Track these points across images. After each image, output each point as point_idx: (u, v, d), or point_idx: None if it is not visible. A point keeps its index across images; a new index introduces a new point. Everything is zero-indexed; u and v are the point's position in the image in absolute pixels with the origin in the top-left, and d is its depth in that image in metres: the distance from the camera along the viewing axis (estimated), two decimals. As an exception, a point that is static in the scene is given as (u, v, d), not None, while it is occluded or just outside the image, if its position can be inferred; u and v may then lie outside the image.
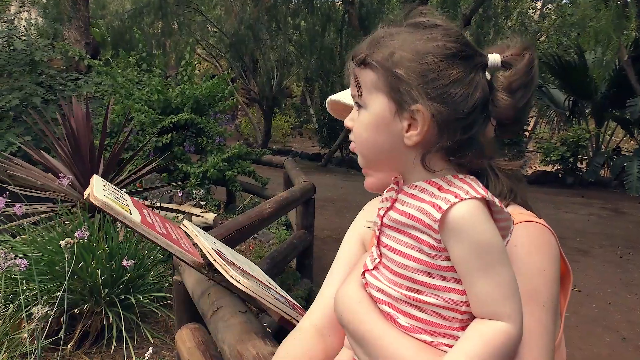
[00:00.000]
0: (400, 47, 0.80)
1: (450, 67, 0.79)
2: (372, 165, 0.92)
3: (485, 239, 0.76)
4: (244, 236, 3.17)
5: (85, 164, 3.78)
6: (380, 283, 0.88)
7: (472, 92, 0.79)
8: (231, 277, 1.58)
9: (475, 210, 0.76)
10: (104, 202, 1.59)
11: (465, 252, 0.76)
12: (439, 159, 0.83)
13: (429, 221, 0.78)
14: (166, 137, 6.67)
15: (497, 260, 0.77)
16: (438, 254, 0.79)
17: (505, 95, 0.81)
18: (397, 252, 0.84)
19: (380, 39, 0.83)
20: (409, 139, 0.81)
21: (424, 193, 0.82)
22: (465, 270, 0.77)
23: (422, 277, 0.81)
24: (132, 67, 8.11)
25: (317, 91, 23.43)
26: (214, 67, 22.32)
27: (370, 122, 0.85)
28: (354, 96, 0.89)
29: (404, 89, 0.79)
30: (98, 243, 2.95)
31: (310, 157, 19.96)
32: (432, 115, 0.78)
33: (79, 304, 2.85)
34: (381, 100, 0.83)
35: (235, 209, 7.00)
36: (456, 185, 0.80)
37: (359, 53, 0.85)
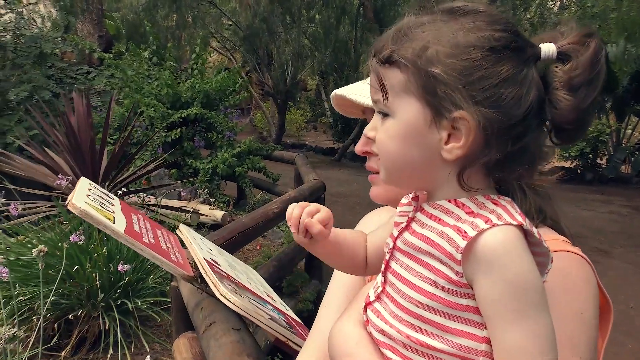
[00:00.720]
0: (436, 40, 0.65)
1: (499, 62, 0.64)
2: (396, 181, 0.75)
3: (524, 277, 0.62)
4: (248, 238, 3.02)
5: (85, 160, 3.67)
6: (382, 322, 0.73)
7: (526, 92, 0.64)
8: (221, 294, 1.44)
9: (512, 239, 0.62)
10: (82, 210, 1.45)
11: (496, 291, 0.62)
12: (479, 174, 0.69)
13: (450, 249, 0.64)
14: (175, 132, 6.57)
15: (536, 305, 0.62)
16: (457, 290, 0.65)
17: (566, 93, 0.65)
18: (406, 283, 0.70)
19: (409, 30, 0.68)
20: (449, 153, 0.66)
21: (448, 215, 0.68)
22: (494, 313, 0.63)
23: (434, 316, 0.67)
24: (143, 61, 8.01)
25: (332, 85, 23.18)
26: (229, 61, 22.21)
27: (399, 132, 0.69)
28: (377, 101, 0.72)
29: (443, 92, 0.64)
30: (95, 245, 2.82)
31: (324, 152, 19.81)
32: (479, 123, 0.63)
33: (75, 309, 2.74)
34: (413, 105, 0.67)
35: (245, 205, 6.89)
36: (487, 208, 0.66)
37: (383, 48, 0.69)
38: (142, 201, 4.19)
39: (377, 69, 0.70)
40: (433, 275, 0.66)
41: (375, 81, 0.71)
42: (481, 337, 0.65)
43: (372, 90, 0.73)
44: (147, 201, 4.35)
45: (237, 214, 6.06)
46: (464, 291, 0.65)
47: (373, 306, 0.76)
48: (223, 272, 1.66)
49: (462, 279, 0.64)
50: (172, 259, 1.64)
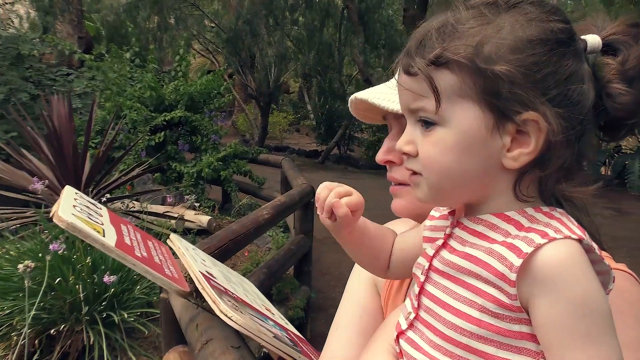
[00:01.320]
0: (493, 34, 0.58)
1: (564, 56, 0.58)
2: (443, 198, 0.66)
3: (590, 297, 0.55)
4: (239, 246, 2.93)
5: (67, 165, 3.52)
6: (420, 354, 0.64)
7: (588, 87, 0.60)
8: (222, 312, 1.33)
9: (574, 254, 0.55)
10: (70, 222, 1.34)
11: (558, 313, 0.54)
12: (534, 182, 0.62)
13: (502, 268, 0.57)
14: (159, 136, 6.44)
15: (604, 328, 0.55)
16: (509, 315, 0.58)
17: (624, 86, 0.61)
18: (447, 308, 0.62)
19: (456, 24, 0.60)
20: (515, 160, 0.59)
21: (495, 231, 0.61)
22: (556, 339, 0.55)
23: (482, 346, 0.59)
24: (125, 63, 7.85)
25: (315, 87, 23.16)
26: (211, 63, 22.04)
27: (456, 142, 0.60)
28: (420, 109, 0.62)
29: (509, 92, 0.57)
30: (78, 255, 2.69)
31: (308, 154, 19.75)
32: (551, 125, 0.57)
33: (57, 323, 2.60)
34: (471, 111, 0.59)
35: (231, 209, 6.77)
36: (540, 222, 0.59)
37: (428, 47, 0.60)
38: (126, 207, 4.06)
39: (425, 72, 0.60)
40: (480, 299, 0.59)
41: (418, 85, 0.61)
42: None
43: (410, 97, 0.63)
44: (131, 207, 4.21)
45: (222, 219, 5.94)
46: (517, 316, 0.57)
47: (407, 335, 0.68)
48: (221, 287, 1.55)
49: (515, 302, 0.56)
50: (167, 273, 1.53)
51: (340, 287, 5.04)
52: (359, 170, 16.93)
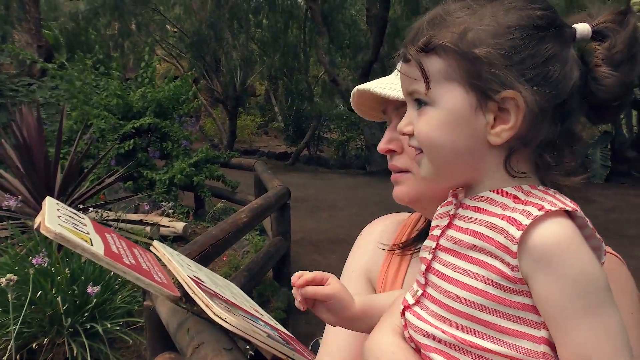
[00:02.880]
0: (477, 22, 0.64)
1: (543, 40, 0.63)
2: (441, 173, 0.70)
3: (589, 272, 0.58)
4: (219, 250, 2.94)
5: (39, 177, 3.45)
6: (425, 324, 0.68)
7: (570, 69, 0.64)
8: (216, 314, 1.35)
9: (570, 231, 0.59)
10: (58, 233, 1.33)
11: (560, 289, 0.58)
12: (526, 159, 0.66)
13: (503, 240, 0.60)
14: (128, 143, 6.34)
15: (604, 300, 0.59)
16: (511, 287, 0.61)
17: (609, 69, 0.65)
18: (453, 282, 0.65)
19: (445, 15, 0.66)
20: (498, 136, 0.64)
21: (493, 205, 0.65)
22: (559, 313, 0.58)
23: (487, 316, 0.62)
24: (89, 71, 7.71)
25: (282, 89, 23.13)
26: (175, 68, 21.75)
27: (444, 120, 0.66)
28: (414, 92, 0.69)
29: (489, 73, 0.62)
30: (57, 267, 2.65)
31: (278, 156, 19.70)
32: (528, 102, 0.62)
33: (38, 337, 2.56)
34: (456, 91, 0.65)
35: (205, 215, 6.72)
36: (536, 195, 0.63)
37: (419, 35, 0.67)
38: (100, 217, 4.00)
39: (416, 57, 0.67)
40: (485, 272, 0.62)
41: (412, 71, 0.68)
42: (539, 338, 0.61)
43: (407, 82, 0.70)
44: (105, 216, 4.16)
45: (197, 225, 5.90)
46: (518, 287, 0.61)
47: (413, 309, 0.72)
48: (210, 290, 1.57)
49: (517, 274, 0.60)
50: (156, 279, 1.54)
51: (320, 286, 5.04)
52: (329, 170, 16.99)
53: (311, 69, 20.76)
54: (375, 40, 13.14)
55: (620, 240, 6.96)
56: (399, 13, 16.65)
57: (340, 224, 7.92)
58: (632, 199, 10.24)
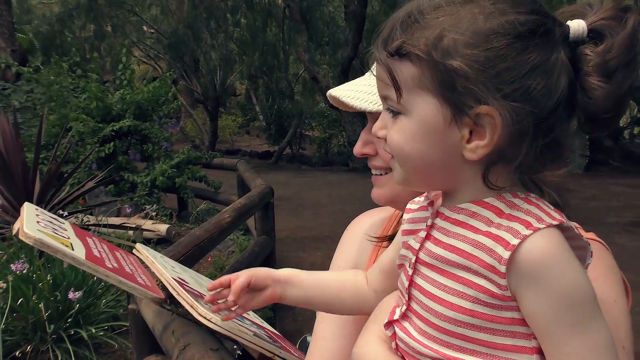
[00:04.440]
0: (452, 27, 0.57)
1: (526, 50, 0.56)
2: (413, 183, 0.68)
3: (577, 286, 0.57)
4: (204, 251, 2.91)
5: (17, 184, 3.40)
6: (414, 341, 0.67)
7: (556, 80, 0.57)
8: (201, 315, 1.34)
9: (557, 246, 0.57)
10: (37, 239, 1.31)
11: (547, 304, 0.57)
12: (505, 172, 0.62)
13: (490, 260, 0.58)
14: (108, 146, 6.27)
15: (592, 314, 0.58)
16: (500, 304, 0.59)
17: (600, 80, 0.58)
18: (438, 301, 0.63)
19: (420, 15, 0.60)
20: (473, 152, 0.60)
21: (476, 219, 0.62)
22: (549, 327, 0.58)
23: (477, 334, 0.61)
24: (65, 74, 7.59)
25: (262, 88, 23.03)
26: (154, 69, 21.55)
27: (416, 131, 0.62)
28: (387, 97, 0.65)
29: (463, 87, 0.57)
30: (39, 273, 2.61)
31: (260, 156, 19.64)
32: (505, 119, 0.56)
33: (21, 345, 2.52)
34: (430, 103, 0.60)
35: (188, 216, 6.68)
36: (520, 208, 0.60)
37: (391, 38, 0.61)
38: (81, 222, 3.95)
39: (386, 62, 0.62)
40: (472, 291, 0.60)
41: (384, 75, 0.63)
42: (530, 348, 0.61)
43: (380, 85, 0.65)
44: (86, 221, 4.11)
45: (181, 226, 5.86)
46: (507, 304, 0.59)
47: (401, 324, 0.70)
48: (195, 291, 1.56)
49: (506, 292, 0.58)
50: (140, 282, 1.52)
51: (306, 284, 5.02)
52: (312, 168, 16.99)
53: (291, 67, 20.72)
54: (354, 37, 13.16)
55: (600, 228, 7.10)
56: (377, 9, 16.68)
57: (324, 221, 7.93)
58: (611, 187, 10.42)
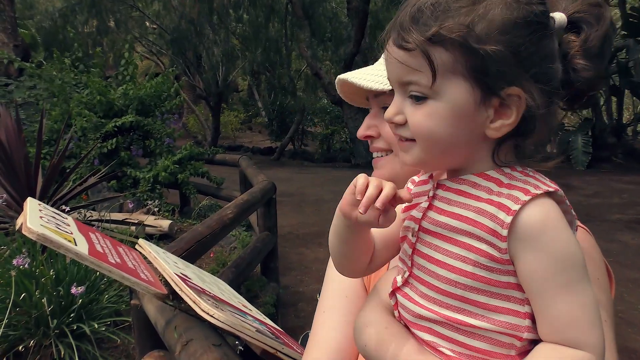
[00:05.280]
0: (483, 14, 0.62)
1: (544, 37, 0.64)
2: (433, 162, 0.71)
3: (570, 250, 0.63)
4: (206, 247, 2.91)
5: (19, 179, 3.40)
6: (415, 305, 0.71)
7: (557, 64, 0.66)
8: (203, 311, 1.35)
9: (554, 211, 0.63)
10: (40, 234, 1.31)
11: (544, 265, 0.62)
12: (509, 150, 0.69)
13: (492, 225, 0.63)
14: (111, 142, 6.26)
15: (582, 276, 0.63)
16: (499, 267, 0.64)
17: (586, 61, 0.67)
18: (441, 265, 0.68)
19: (448, 3, 0.63)
20: (497, 131, 0.66)
21: (477, 189, 0.67)
22: (541, 287, 0.63)
23: (476, 296, 0.66)
24: (68, 69, 7.58)
25: (264, 84, 23.04)
26: (156, 65, 21.55)
27: (448, 115, 0.65)
28: (411, 83, 0.67)
29: (496, 70, 0.62)
30: (41, 268, 2.62)
31: (262, 152, 19.66)
32: (532, 99, 0.63)
33: (24, 339, 2.53)
34: (462, 86, 0.64)
35: (190, 212, 6.67)
36: (519, 179, 0.65)
37: (424, 25, 0.63)
38: (84, 217, 3.96)
39: (423, 48, 0.64)
40: (473, 255, 0.64)
41: (413, 60, 0.65)
42: (523, 313, 0.65)
43: (403, 70, 0.67)
44: (88, 217, 4.11)
45: (183, 222, 5.87)
46: (505, 268, 0.64)
47: (403, 291, 0.74)
48: (198, 287, 1.56)
49: (505, 256, 0.63)
50: (142, 277, 1.52)
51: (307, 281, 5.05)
52: (314, 164, 16.99)
53: (293, 63, 20.70)
54: (356, 33, 13.13)
55: (603, 226, 7.09)
56: (379, 5, 16.65)
57: (326, 217, 7.92)
58: (614, 184, 10.39)
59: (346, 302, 1.04)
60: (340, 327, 1.01)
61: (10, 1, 10.72)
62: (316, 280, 5.15)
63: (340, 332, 1.01)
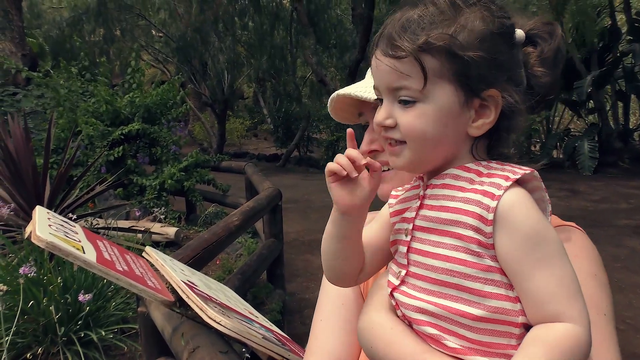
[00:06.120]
0: (464, 26, 0.70)
1: (513, 46, 0.74)
2: (421, 163, 0.76)
3: (540, 226, 0.67)
4: (212, 254, 2.93)
5: (27, 188, 3.43)
6: (415, 300, 0.73)
7: (522, 70, 0.75)
8: (210, 318, 1.35)
9: (524, 196, 0.68)
10: (50, 242, 1.33)
11: (517, 243, 0.66)
12: (483, 147, 0.76)
13: (480, 211, 0.68)
14: (117, 150, 6.30)
15: (557, 251, 0.67)
16: (486, 252, 0.68)
17: (544, 69, 0.77)
18: (435, 257, 0.71)
19: (433, 16, 0.71)
20: (479, 129, 0.73)
21: (459, 180, 0.73)
22: (518, 265, 0.66)
23: (470, 283, 0.69)
24: (74, 78, 7.65)
25: (270, 91, 23.09)
26: (162, 73, 21.67)
27: (437, 115, 0.72)
28: (401, 88, 0.72)
29: (476, 74, 0.70)
30: (49, 276, 2.64)
31: (268, 159, 19.69)
32: (506, 100, 0.72)
33: (32, 347, 2.55)
34: (447, 89, 0.71)
35: (197, 219, 6.70)
36: (496, 168, 0.72)
37: (412, 34, 0.70)
38: (90, 225, 3.98)
39: (416, 55, 0.70)
40: (463, 243, 0.69)
41: (404, 67, 0.71)
42: (514, 298, 0.68)
43: (394, 77, 0.72)
44: (95, 224, 4.14)
45: (189, 229, 5.89)
46: (491, 253, 0.68)
47: (400, 290, 0.76)
48: (204, 294, 1.57)
49: (490, 240, 0.67)
50: (150, 285, 1.54)
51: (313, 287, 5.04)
52: (320, 171, 16.98)
53: (298, 70, 20.75)
54: (361, 39, 13.14)
55: (610, 231, 7.05)
56: (384, 12, 16.65)
57: (332, 224, 7.92)
58: (621, 189, 10.33)
59: (342, 310, 1.06)
60: (336, 335, 1.03)
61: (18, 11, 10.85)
62: (322, 287, 5.13)
63: (336, 340, 1.02)
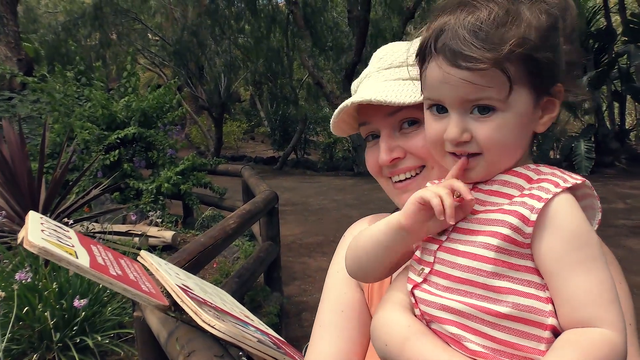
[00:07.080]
0: (527, 25, 0.68)
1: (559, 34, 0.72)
2: (497, 171, 0.75)
3: (585, 230, 0.67)
4: (208, 257, 2.91)
5: (23, 193, 3.41)
6: (439, 298, 0.72)
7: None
8: (204, 322, 1.34)
9: (571, 201, 0.68)
10: (42, 247, 1.31)
11: (560, 243, 0.65)
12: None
13: (523, 211, 0.67)
14: (114, 154, 6.28)
15: (598, 256, 0.66)
16: (519, 252, 0.67)
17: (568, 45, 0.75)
18: (465, 255, 0.70)
19: (495, 19, 0.67)
20: (544, 125, 0.74)
21: (508, 187, 0.72)
22: (557, 266, 0.65)
23: (498, 282, 0.67)
24: (70, 82, 7.62)
25: (266, 94, 23.10)
26: (158, 76, 21.66)
27: (516, 123, 0.71)
28: (482, 99, 0.69)
29: (547, 72, 0.70)
30: (44, 282, 2.62)
31: (265, 161, 19.71)
32: (568, 91, 0.73)
33: (27, 353, 2.53)
34: (524, 93, 0.70)
35: (193, 223, 6.68)
36: (547, 173, 0.71)
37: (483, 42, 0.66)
38: (86, 230, 3.96)
39: (500, 65, 0.67)
40: (496, 240, 0.67)
41: (482, 78, 0.67)
42: (545, 298, 0.66)
43: (471, 89, 0.69)
44: (91, 229, 4.12)
45: (186, 233, 5.87)
46: (525, 252, 0.67)
47: (422, 287, 0.75)
48: (199, 298, 1.56)
49: (527, 240, 0.66)
50: (144, 289, 1.52)
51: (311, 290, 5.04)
52: (317, 173, 17.01)
53: (295, 73, 20.78)
54: (357, 42, 13.18)
55: (608, 231, 7.05)
56: (380, 14, 16.71)
57: (329, 226, 7.92)
58: (617, 189, 10.36)
59: (342, 317, 1.05)
60: (333, 342, 1.02)
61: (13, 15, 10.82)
62: (319, 290, 5.08)
63: (335, 347, 1.01)
